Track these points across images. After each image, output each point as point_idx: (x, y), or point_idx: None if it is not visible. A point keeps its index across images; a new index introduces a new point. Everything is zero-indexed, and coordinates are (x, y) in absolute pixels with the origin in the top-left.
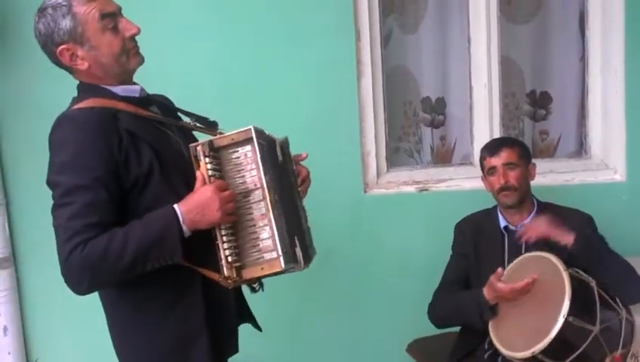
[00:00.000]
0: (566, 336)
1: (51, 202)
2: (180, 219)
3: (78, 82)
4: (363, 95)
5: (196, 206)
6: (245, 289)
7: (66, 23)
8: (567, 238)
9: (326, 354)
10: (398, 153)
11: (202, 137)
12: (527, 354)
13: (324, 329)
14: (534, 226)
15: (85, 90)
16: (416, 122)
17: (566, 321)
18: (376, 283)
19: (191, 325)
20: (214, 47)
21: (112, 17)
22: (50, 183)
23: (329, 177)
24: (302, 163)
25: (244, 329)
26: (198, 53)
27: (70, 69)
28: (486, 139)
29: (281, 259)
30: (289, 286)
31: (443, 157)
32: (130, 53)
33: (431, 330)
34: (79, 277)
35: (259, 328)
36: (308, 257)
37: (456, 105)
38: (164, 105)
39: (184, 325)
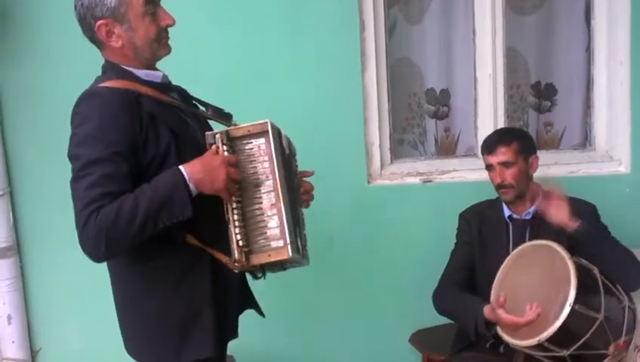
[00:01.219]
0: (572, 324)
1: (56, 190)
2: (186, 177)
3: (104, 61)
4: (367, 86)
5: (202, 168)
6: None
7: (111, 1)
8: (573, 224)
9: (328, 346)
10: (402, 144)
11: (217, 127)
12: (533, 341)
13: (326, 320)
14: (557, 211)
15: (111, 69)
16: (421, 113)
17: (572, 309)
18: (378, 275)
19: (197, 299)
20: (219, 38)
21: (153, 5)
22: (71, 155)
23: (333, 168)
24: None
25: (248, 320)
26: (203, 44)
27: (102, 45)
28: (490, 131)
29: (289, 247)
30: (292, 276)
31: (447, 148)
32: (161, 42)
33: (434, 321)
34: (95, 243)
35: (262, 314)
36: (305, 257)
37: (460, 97)
38: (183, 93)
39: (191, 299)
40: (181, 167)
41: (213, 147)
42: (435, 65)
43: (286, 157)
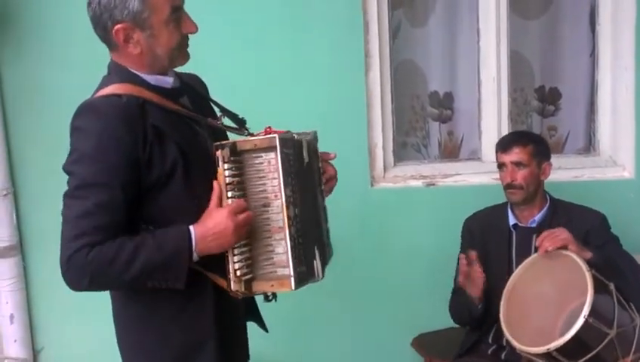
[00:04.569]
0: (583, 336)
1: (59, 190)
2: (193, 245)
3: (110, 60)
4: (371, 89)
5: (211, 232)
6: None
7: (134, 4)
8: (585, 254)
9: (331, 349)
10: (405, 147)
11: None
12: (542, 349)
13: (329, 324)
14: (554, 237)
15: (117, 70)
16: (424, 116)
17: (586, 322)
18: (381, 278)
19: (200, 328)
20: (223, 41)
21: (179, 11)
22: (67, 171)
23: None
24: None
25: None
26: (207, 48)
27: (115, 48)
28: (494, 135)
29: (292, 279)
30: None
31: (450, 152)
32: (182, 50)
33: (437, 325)
34: (79, 277)
35: (265, 329)
36: (325, 263)
37: (464, 100)
38: (196, 92)
39: (192, 330)
40: (191, 230)
41: (215, 188)
42: (439, 68)
43: (304, 166)
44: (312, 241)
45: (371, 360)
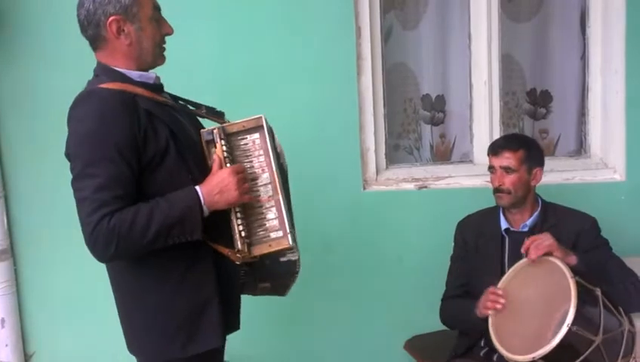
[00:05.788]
0: (568, 344)
1: (50, 193)
2: (202, 200)
3: (96, 62)
4: (363, 92)
5: (216, 187)
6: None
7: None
8: (570, 259)
9: (324, 351)
10: (397, 150)
11: (209, 124)
12: (527, 358)
13: (322, 326)
14: (538, 244)
15: (105, 72)
16: (416, 119)
17: (570, 330)
18: (374, 280)
19: (202, 295)
20: (214, 42)
21: (159, 11)
22: (70, 155)
23: (328, 174)
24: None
25: (243, 326)
26: (198, 49)
27: (104, 44)
28: (486, 137)
29: (289, 236)
30: None
31: (442, 154)
32: (161, 50)
33: (429, 327)
34: (105, 246)
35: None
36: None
37: (456, 103)
38: (173, 96)
39: (196, 295)
40: (197, 188)
41: (216, 158)
42: (431, 71)
43: (278, 153)
44: (291, 217)
45: None
